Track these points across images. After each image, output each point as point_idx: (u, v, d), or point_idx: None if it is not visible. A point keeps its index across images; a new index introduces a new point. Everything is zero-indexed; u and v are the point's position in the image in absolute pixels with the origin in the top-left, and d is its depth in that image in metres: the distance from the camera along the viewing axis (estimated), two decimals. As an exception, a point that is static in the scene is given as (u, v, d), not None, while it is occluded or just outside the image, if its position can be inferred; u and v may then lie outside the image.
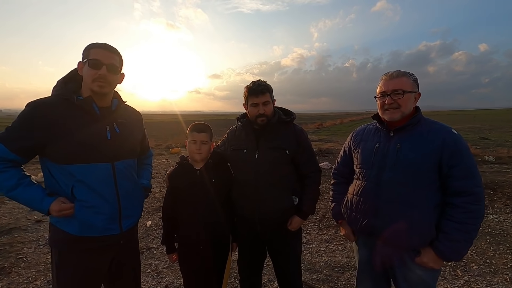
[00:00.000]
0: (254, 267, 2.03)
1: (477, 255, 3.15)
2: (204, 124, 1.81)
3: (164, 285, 2.70)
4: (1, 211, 4.68)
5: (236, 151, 1.85)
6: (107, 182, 1.37)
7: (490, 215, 4.25)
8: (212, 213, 1.73)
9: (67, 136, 1.28)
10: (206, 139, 1.75)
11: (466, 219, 1.30)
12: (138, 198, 1.56)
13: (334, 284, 2.68)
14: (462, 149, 1.33)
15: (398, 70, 1.47)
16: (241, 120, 1.89)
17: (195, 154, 1.74)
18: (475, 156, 7.91)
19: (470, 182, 1.31)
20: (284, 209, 1.79)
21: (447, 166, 1.33)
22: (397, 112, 1.42)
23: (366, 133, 1.63)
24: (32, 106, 1.28)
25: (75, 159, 1.30)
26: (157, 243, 3.58)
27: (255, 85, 1.75)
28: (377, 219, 1.45)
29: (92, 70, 1.32)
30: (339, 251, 3.33)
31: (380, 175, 1.45)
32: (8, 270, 2.91)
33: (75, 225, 1.33)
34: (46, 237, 3.66)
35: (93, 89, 1.34)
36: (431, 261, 1.36)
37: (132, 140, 1.53)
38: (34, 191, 1.31)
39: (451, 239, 1.31)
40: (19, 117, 1.28)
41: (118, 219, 1.43)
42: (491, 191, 5.07)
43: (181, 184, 1.73)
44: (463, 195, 1.31)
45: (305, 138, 1.86)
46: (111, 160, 1.38)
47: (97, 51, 1.33)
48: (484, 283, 2.63)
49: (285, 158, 1.77)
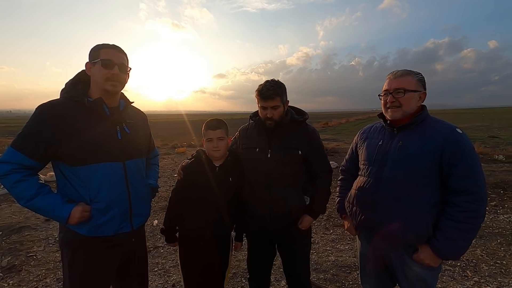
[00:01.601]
0: (263, 266, 2.03)
1: (487, 255, 3.09)
2: (218, 120, 1.80)
3: (171, 283, 2.72)
4: (11, 210, 4.77)
5: (248, 150, 1.85)
6: (119, 181, 1.39)
7: (500, 215, 4.18)
8: (221, 211, 1.73)
9: (79, 137, 1.29)
10: (223, 135, 1.73)
11: (464, 218, 1.29)
12: (147, 197, 1.59)
13: (341, 284, 2.67)
14: (464, 148, 1.33)
15: (405, 69, 1.48)
16: (253, 118, 1.88)
17: (214, 152, 1.72)
18: (484, 155, 7.81)
19: (471, 181, 1.30)
20: (295, 209, 1.80)
21: (447, 164, 1.33)
22: (398, 111, 1.44)
23: (372, 131, 1.67)
24: (42, 108, 1.30)
25: (88, 159, 1.31)
26: (164, 242, 3.60)
27: (265, 88, 1.70)
28: (375, 214, 1.49)
29: (105, 70, 1.34)
30: (346, 251, 3.31)
31: (381, 171, 1.48)
32: (19, 268, 2.96)
33: (88, 226, 1.34)
34: (55, 235, 3.72)
35: (106, 88, 1.36)
36: (428, 258, 1.37)
37: (140, 139, 1.56)
38: (54, 199, 1.31)
39: (448, 238, 1.31)
40: (29, 121, 1.29)
41: (129, 218, 1.45)
42: (501, 190, 4.98)
43: (199, 179, 1.72)
44: (462, 194, 1.31)
45: (317, 138, 1.85)
46: (122, 160, 1.41)
47: (108, 51, 1.35)
48: (494, 284, 2.59)
49: (297, 158, 1.76)
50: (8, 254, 3.22)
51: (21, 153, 1.24)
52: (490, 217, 4.13)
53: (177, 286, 2.67)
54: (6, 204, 5.09)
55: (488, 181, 5.39)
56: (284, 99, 1.77)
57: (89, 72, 1.38)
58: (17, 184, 1.25)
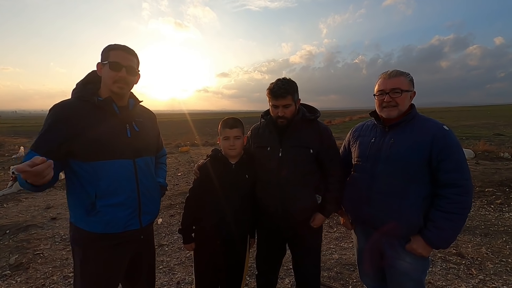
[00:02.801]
0: (272, 264, 2.02)
1: (492, 253, 3.08)
2: (234, 118, 1.81)
3: (176, 281, 2.74)
4: (18, 208, 4.84)
5: (259, 149, 1.84)
6: (129, 178, 1.41)
7: (506, 213, 4.14)
8: (237, 208, 1.74)
9: (90, 134, 1.32)
10: (239, 134, 1.75)
11: (453, 209, 1.38)
12: (156, 195, 1.60)
13: (345, 282, 2.67)
14: (451, 144, 1.41)
15: (396, 69, 1.54)
16: (265, 117, 1.88)
17: (230, 151, 1.74)
18: (489, 153, 7.75)
19: (459, 175, 1.39)
20: (307, 208, 1.79)
21: (436, 160, 1.41)
22: (395, 110, 1.50)
23: (364, 129, 1.74)
24: (54, 108, 1.34)
25: (99, 156, 1.34)
26: (169, 240, 3.64)
27: (276, 87, 1.69)
28: (369, 209, 1.56)
29: (113, 72, 1.37)
30: (350, 249, 3.31)
31: (374, 168, 1.56)
32: (26, 265, 3.01)
33: (99, 223, 1.36)
34: (62, 234, 3.77)
35: (113, 90, 1.40)
36: (420, 247, 1.44)
37: (149, 138, 1.58)
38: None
39: (438, 227, 1.40)
40: (44, 122, 1.32)
41: (138, 215, 1.46)
42: (507, 188, 4.93)
43: (214, 176, 1.73)
44: (451, 187, 1.39)
45: (329, 136, 1.83)
46: (132, 157, 1.43)
47: (117, 53, 1.38)
48: (500, 282, 2.57)
49: (309, 156, 1.75)
50: (16, 252, 3.27)
51: (37, 153, 1.26)
52: (496, 215, 4.10)
53: (182, 284, 2.70)
54: (13, 203, 5.16)
55: (493, 179, 5.35)
56: (296, 97, 1.75)
57: (100, 72, 1.42)
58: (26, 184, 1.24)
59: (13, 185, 5.86)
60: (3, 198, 5.46)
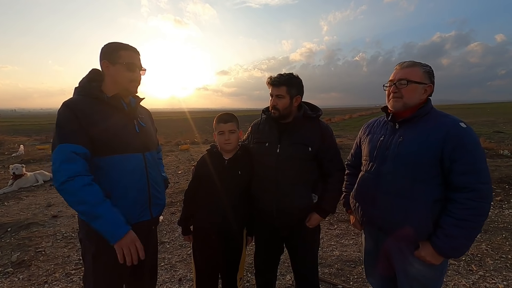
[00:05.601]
0: (270, 262, 2.02)
1: (492, 250, 3.09)
2: (228, 113, 1.83)
3: (177, 278, 2.76)
4: (19, 206, 4.85)
5: (258, 145, 1.85)
6: (141, 171, 1.48)
7: (505, 209, 4.16)
8: (231, 205, 1.75)
9: (104, 129, 1.36)
10: (234, 128, 1.76)
11: (466, 215, 1.24)
12: (162, 187, 1.68)
13: (346, 278, 2.69)
14: (466, 143, 1.27)
15: (413, 60, 1.45)
16: (266, 113, 1.88)
17: (225, 145, 1.76)
18: (489, 150, 7.74)
19: (474, 177, 1.25)
20: (302, 206, 1.77)
21: (449, 160, 1.28)
22: (399, 101, 1.41)
23: (375, 125, 1.64)
24: (66, 105, 1.35)
25: (115, 150, 1.39)
26: (170, 238, 3.65)
27: (277, 75, 1.73)
28: (375, 210, 1.48)
29: (129, 73, 1.43)
30: (351, 246, 3.32)
31: (381, 167, 1.46)
32: (28, 263, 3.02)
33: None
34: (63, 231, 3.78)
35: (130, 89, 1.48)
36: (428, 255, 1.33)
37: (152, 133, 1.67)
38: (118, 214, 1.32)
39: (449, 235, 1.27)
40: (61, 116, 1.32)
41: (149, 206, 1.53)
42: (506, 185, 4.95)
43: (208, 171, 1.76)
44: (464, 191, 1.26)
45: (330, 135, 1.82)
46: (142, 151, 1.50)
47: (130, 54, 1.44)
48: (500, 278, 2.59)
49: (307, 154, 1.74)
50: (18, 250, 3.28)
51: (69, 143, 1.27)
52: (495, 212, 4.11)
53: (183, 281, 2.71)
54: (14, 201, 5.17)
55: (493, 176, 5.35)
56: (293, 92, 1.73)
57: (107, 71, 1.43)
58: (85, 187, 1.26)
59: (14, 183, 5.87)
60: (3, 196, 5.47)
